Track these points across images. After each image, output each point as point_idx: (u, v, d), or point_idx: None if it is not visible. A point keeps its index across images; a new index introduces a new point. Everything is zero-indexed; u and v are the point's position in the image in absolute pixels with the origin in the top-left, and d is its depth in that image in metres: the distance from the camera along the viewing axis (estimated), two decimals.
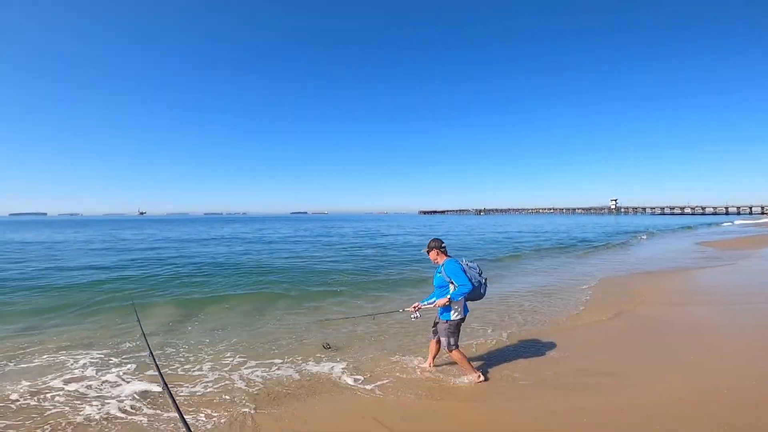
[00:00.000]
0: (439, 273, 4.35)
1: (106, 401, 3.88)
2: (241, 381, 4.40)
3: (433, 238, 4.59)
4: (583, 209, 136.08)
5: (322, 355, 5.10)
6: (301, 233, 34.92)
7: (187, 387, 4.25)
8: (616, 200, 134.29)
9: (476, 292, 4.31)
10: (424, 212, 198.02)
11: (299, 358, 5.06)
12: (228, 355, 5.19)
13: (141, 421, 3.54)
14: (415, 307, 4.49)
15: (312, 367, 4.73)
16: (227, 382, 4.38)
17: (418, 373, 4.58)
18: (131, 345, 5.57)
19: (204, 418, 3.55)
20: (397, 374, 4.55)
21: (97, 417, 3.61)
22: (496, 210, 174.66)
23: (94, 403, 3.86)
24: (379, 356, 5.09)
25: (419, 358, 4.97)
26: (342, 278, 11.11)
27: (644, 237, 26.58)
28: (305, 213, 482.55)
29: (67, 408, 3.77)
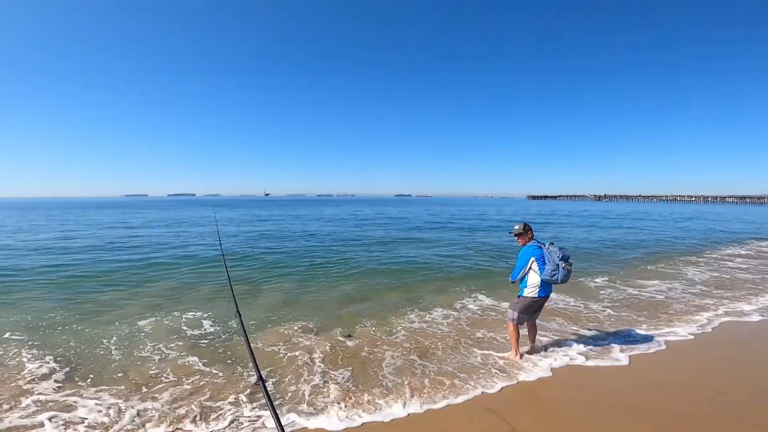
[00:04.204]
0: None
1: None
2: None
3: (523, 222, 4.96)
4: (736, 197, 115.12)
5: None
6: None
7: None
8: None
9: (551, 276, 4.53)
10: (534, 197, 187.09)
11: None
12: None
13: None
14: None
15: None
16: None
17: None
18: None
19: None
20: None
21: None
22: (620, 196, 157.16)
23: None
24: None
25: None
26: None
27: None
28: (409, 195, 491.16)
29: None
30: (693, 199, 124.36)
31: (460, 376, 4.49)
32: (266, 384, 1.95)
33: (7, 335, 5.77)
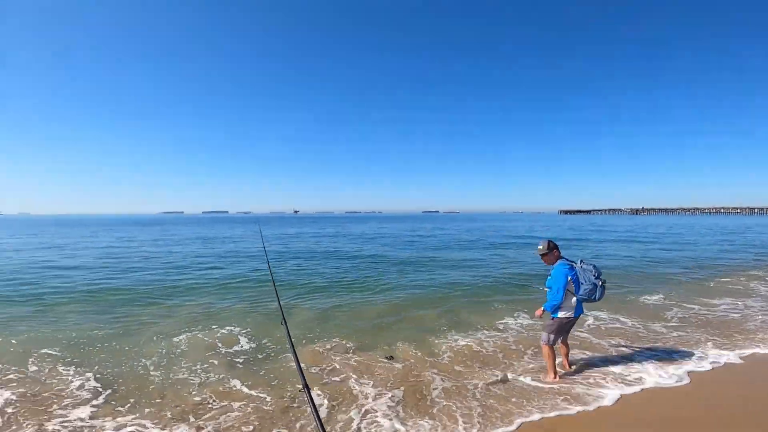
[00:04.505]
0: (550, 275, 4.54)
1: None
2: None
3: (548, 240, 4.64)
4: None
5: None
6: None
7: None
8: None
9: (589, 296, 4.35)
10: (566, 211, 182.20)
11: None
12: None
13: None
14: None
15: None
16: None
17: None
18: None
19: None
20: None
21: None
22: (658, 209, 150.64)
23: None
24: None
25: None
26: None
27: None
28: (437, 212, 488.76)
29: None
30: (738, 210, 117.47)
31: (513, 401, 4.13)
32: (311, 392, 1.91)
33: (49, 351, 5.72)
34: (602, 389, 4.35)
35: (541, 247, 4.62)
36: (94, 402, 4.22)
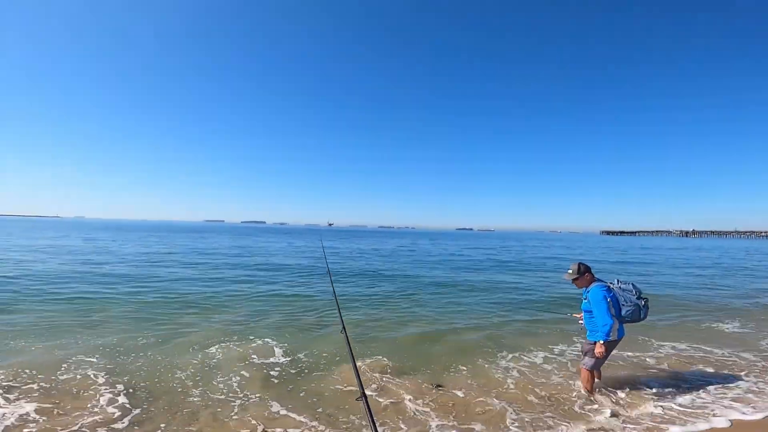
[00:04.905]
0: (585, 299, 4.39)
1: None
2: None
3: (578, 262, 4.55)
4: None
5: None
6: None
7: None
8: None
9: (632, 317, 4.28)
10: (608, 232, 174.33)
11: None
12: None
13: None
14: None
15: None
16: None
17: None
18: None
19: None
20: None
21: None
22: (711, 232, 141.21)
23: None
24: None
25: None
26: None
27: None
28: (471, 230, 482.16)
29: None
30: None
31: None
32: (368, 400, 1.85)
33: (84, 357, 5.56)
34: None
35: (570, 270, 4.49)
36: (119, 425, 3.82)
